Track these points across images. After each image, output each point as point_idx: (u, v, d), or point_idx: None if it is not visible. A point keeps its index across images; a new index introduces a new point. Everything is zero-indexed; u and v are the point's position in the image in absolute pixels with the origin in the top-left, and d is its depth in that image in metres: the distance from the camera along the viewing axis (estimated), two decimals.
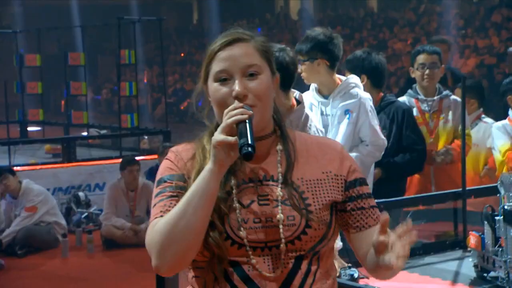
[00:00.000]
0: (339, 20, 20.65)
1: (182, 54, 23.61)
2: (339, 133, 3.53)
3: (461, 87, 3.37)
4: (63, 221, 7.01)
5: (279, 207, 1.61)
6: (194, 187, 1.57)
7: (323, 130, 3.20)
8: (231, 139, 1.53)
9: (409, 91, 4.53)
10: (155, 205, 1.64)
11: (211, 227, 1.58)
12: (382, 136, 3.63)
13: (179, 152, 1.70)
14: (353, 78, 3.61)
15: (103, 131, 10.41)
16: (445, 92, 4.48)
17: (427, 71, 4.39)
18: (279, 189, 1.63)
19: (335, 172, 1.68)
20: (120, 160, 7.45)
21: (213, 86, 1.65)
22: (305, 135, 1.79)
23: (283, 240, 1.60)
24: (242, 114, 1.56)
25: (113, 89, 21.35)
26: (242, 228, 1.59)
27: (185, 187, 1.62)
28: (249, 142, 1.53)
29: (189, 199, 1.56)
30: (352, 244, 1.71)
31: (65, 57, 10.61)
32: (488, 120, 5.11)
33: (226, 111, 1.58)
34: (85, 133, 10.65)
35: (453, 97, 4.54)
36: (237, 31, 1.68)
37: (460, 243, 3.29)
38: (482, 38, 15.38)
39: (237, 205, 1.61)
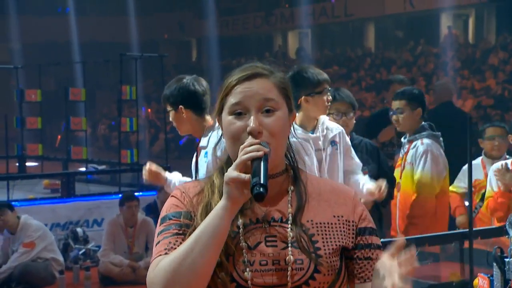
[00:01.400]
0: (336, 59, 20.83)
1: None
2: (339, 168, 3.60)
3: (468, 128, 3.39)
4: (60, 258, 6.93)
5: (289, 249, 1.53)
6: (204, 224, 1.49)
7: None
8: (245, 176, 1.47)
9: None
10: (158, 242, 1.55)
11: (219, 266, 1.51)
12: (357, 160, 3.75)
13: (186, 189, 1.63)
14: None
15: (102, 167, 10.38)
16: (420, 135, 4.30)
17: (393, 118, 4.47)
18: (289, 230, 1.55)
19: (346, 218, 1.60)
20: (119, 196, 7.42)
21: (227, 119, 1.59)
22: (318, 178, 1.73)
23: (289, 285, 1.51)
24: (258, 151, 1.49)
25: (110, 125, 21.36)
26: (248, 270, 1.51)
27: (191, 225, 1.55)
28: (262, 181, 1.46)
29: (198, 237, 1.48)
30: None
31: (65, 92, 10.64)
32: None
33: (242, 147, 1.52)
34: (83, 169, 10.62)
35: (425, 140, 4.29)
36: (256, 65, 1.62)
37: (467, 285, 3.27)
38: (479, 80, 15.51)
39: (244, 244, 1.54)
